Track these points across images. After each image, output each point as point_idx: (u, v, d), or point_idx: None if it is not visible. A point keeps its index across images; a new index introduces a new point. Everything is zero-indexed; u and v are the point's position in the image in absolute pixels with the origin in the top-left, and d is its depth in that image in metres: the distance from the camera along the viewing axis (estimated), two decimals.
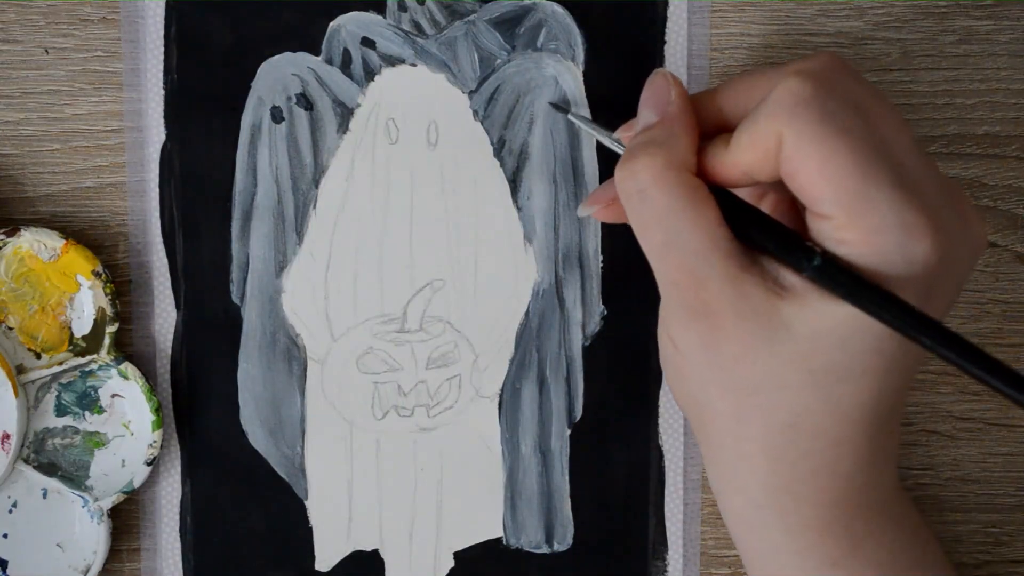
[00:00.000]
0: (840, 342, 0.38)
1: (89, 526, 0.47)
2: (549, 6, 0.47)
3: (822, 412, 0.39)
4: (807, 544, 0.40)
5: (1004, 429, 0.50)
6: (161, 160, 0.47)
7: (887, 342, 0.38)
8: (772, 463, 0.39)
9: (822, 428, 0.39)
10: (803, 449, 0.39)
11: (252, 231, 0.47)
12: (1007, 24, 0.48)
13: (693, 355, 0.40)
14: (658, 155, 0.39)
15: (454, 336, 0.48)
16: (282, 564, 0.49)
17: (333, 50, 0.47)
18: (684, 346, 0.40)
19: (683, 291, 0.39)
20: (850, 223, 0.37)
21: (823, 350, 0.38)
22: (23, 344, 0.47)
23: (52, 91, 0.47)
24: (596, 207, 0.43)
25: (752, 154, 0.38)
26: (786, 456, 0.39)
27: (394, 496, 0.49)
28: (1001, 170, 0.49)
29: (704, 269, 0.38)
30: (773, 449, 0.39)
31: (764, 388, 0.39)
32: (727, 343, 0.39)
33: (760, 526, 0.41)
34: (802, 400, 0.38)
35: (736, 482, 0.41)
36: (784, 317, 0.38)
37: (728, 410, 0.39)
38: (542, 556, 0.49)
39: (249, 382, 0.48)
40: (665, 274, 0.39)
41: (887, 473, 0.41)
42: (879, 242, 0.37)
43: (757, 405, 0.39)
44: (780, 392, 0.38)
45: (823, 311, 0.38)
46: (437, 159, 0.47)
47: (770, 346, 0.38)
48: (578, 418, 0.49)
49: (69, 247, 0.46)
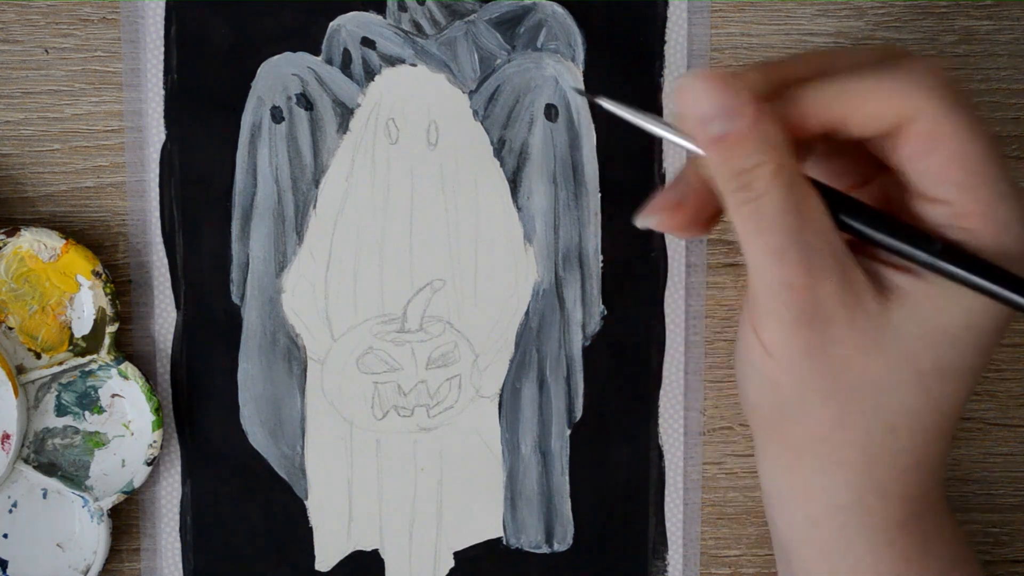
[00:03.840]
0: (952, 341, 0.37)
1: (89, 526, 0.47)
2: (549, 6, 0.47)
3: (924, 412, 0.38)
4: (884, 542, 0.40)
5: (1004, 429, 0.50)
6: (161, 160, 0.47)
7: (991, 338, 0.38)
8: (868, 466, 0.39)
9: (921, 427, 0.38)
10: (899, 449, 0.39)
11: (252, 231, 0.47)
12: (1007, 24, 0.48)
13: (794, 362, 0.38)
14: (770, 154, 0.37)
15: (454, 336, 0.48)
16: (282, 564, 0.49)
17: (333, 50, 0.47)
18: (784, 352, 0.38)
19: (797, 294, 0.37)
20: (977, 211, 0.37)
21: (934, 351, 0.37)
22: (23, 344, 0.47)
23: (52, 91, 0.47)
24: (658, 216, 0.40)
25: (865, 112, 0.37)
26: (883, 457, 0.39)
27: (394, 496, 0.49)
28: None
29: (823, 269, 0.37)
30: (871, 453, 0.39)
31: (870, 392, 0.38)
32: (836, 347, 0.38)
33: (839, 528, 0.40)
34: (907, 401, 0.38)
35: (819, 487, 0.39)
36: (894, 319, 0.37)
37: (828, 417, 0.38)
38: (542, 556, 0.49)
39: (249, 382, 0.48)
40: (779, 278, 0.37)
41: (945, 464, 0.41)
42: (1003, 233, 0.37)
43: (860, 410, 0.38)
44: (886, 395, 0.38)
45: (936, 310, 0.37)
46: (437, 159, 0.48)
47: (880, 349, 0.38)
48: (578, 418, 0.49)
49: (69, 247, 0.46)
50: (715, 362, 0.49)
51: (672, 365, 0.49)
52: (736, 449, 0.50)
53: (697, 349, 0.49)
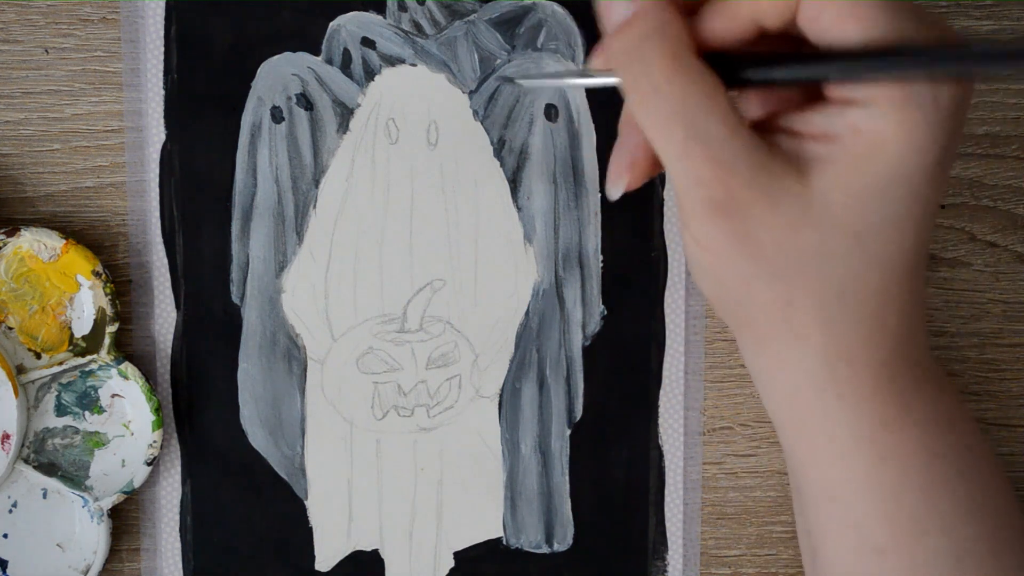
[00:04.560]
0: (879, 196, 0.37)
1: (89, 526, 0.47)
2: (549, 6, 0.47)
3: (871, 273, 0.38)
4: (860, 408, 0.40)
5: (1004, 429, 0.50)
6: (161, 160, 0.47)
7: (923, 184, 0.37)
8: (826, 336, 0.39)
9: (872, 289, 0.39)
10: (855, 313, 0.39)
11: (252, 231, 0.47)
12: (1007, 24, 0.48)
13: (727, 253, 0.38)
14: (663, 46, 0.37)
15: (454, 336, 0.48)
16: (282, 564, 0.49)
17: (333, 50, 0.47)
18: (714, 246, 0.38)
19: (709, 186, 0.37)
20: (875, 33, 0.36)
21: (863, 209, 0.37)
22: (23, 344, 0.47)
23: (52, 91, 0.47)
24: (622, 180, 0.41)
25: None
26: (839, 325, 0.39)
27: (394, 496, 0.49)
28: (1001, 170, 0.49)
29: (730, 159, 0.37)
30: (827, 322, 0.39)
31: (811, 265, 0.38)
32: (764, 230, 0.38)
33: (812, 400, 0.40)
34: (851, 266, 0.38)
35: (788, 363, 0.40)
36: (819, 190, 0.37)
37: (777, 297, 0.39)
38: (542, 556, 0.49)
39: (249, 382, 0.48)
40: (687, 172, 0.38)
41: (922, 324, 0.41)
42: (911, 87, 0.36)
43: (806, 284, 0.38)
44: (828, 265, 0.38)
45: (855, 170, 0.37)
46: (437, 159, 0.47)
47: (809, 223, 0.38)
48: (578, 418, 0.49)
49: (69, 247, 0.46)
50: (715, 362, 0.49)
51: (672, 365, 0.49)
52: (736, 449, 0.50)
53: (697, 349, 0.49)
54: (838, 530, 0.41)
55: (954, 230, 0.49)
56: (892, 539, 0.41)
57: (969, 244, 0.49)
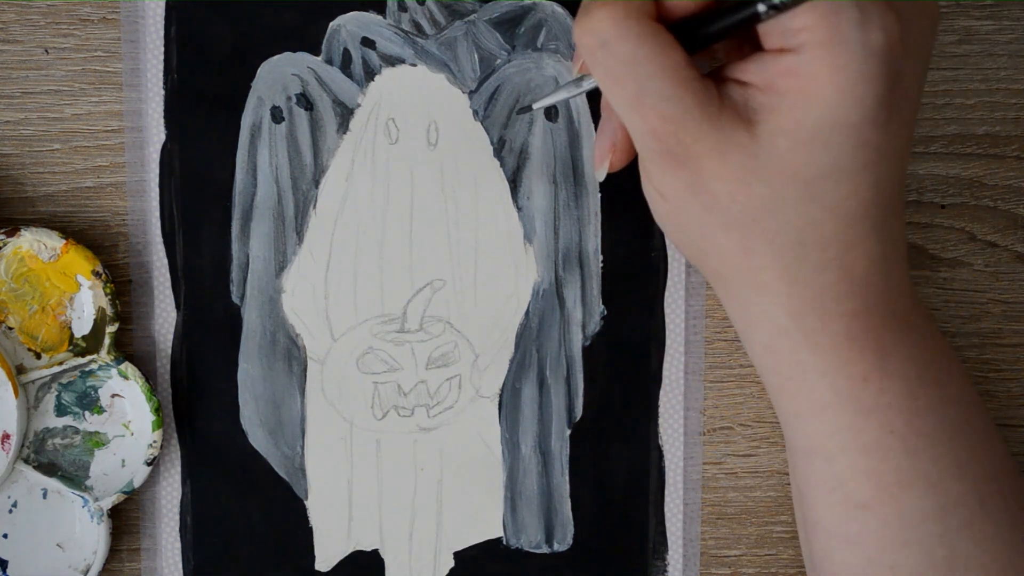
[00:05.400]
0: (824, 143, 0.38)
1: (89, 526, 0.47)
2: (549, 6, 0.47)
3: (826, 220, 0.39)
4: (836, 361, 0.40)
5: (1004, 429, 0.50)
6: (161, 160, 0.47)
7: (866, 128, 0.38)
8: (790, 285, 0.39)
9: (830, 236, 0.39)
10: (816, 263, 0.39)
11: (252, 231, 0.47)
12: (1007, 24, 0.48)
13: (684, 202, 0.40)
14: (615, 5, 0.38)
15: (454, 336, 0.48)
16: (282, 564, 0.49)
17: (333, 50, 0.47)
18: (673, 195, 0.40)
19: (662, 139, 0.39)
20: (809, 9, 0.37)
21: (809, 157, 0.38)
22: (23, 344, 0.47)
23: (52, 91, 0.47)
24: (607, 160, 0.43)
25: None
26: (802, 274, 0.39)
27: (394, 496, 0.49)
28: (1001, 170, 0.49)
29: (680, 112, 0.38)
30: (788, 271, 0.39)
31: (765, 215, 0.39)
32: (717, 182, 0.39)
33: (788, 352, 0.41)
34: (805, 214, 0.39)
35: (759, 314, 0.40)
36: (765, 139, 0.38)
37: (735, 246, 0.39)
38: (542, 556, 0.49)
39: (249, 382, 0.48)
40: (641, 125, 0.39)
41: (900, 275, 0.41)
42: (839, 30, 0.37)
43: (761, 232, 0.39)
44: (781, 213, 0.39)
45: (799, 117, 0.37)
46: (437, 159, 0.47)
47: (759, 174, 0.38)
48: (578, 418, 0.49)
49: (69, 247, 0.46)
50: (715, 362, 0.49)
51: (672, 365, 0.49)
52: (736, 449, 0.50)
53: (697, 349, 0.49)
54: (822, 485, 0.41)
55: (954, 230, 0.49)
56: (876, 494, 0.41)
57: (969, 244, 0.49)
